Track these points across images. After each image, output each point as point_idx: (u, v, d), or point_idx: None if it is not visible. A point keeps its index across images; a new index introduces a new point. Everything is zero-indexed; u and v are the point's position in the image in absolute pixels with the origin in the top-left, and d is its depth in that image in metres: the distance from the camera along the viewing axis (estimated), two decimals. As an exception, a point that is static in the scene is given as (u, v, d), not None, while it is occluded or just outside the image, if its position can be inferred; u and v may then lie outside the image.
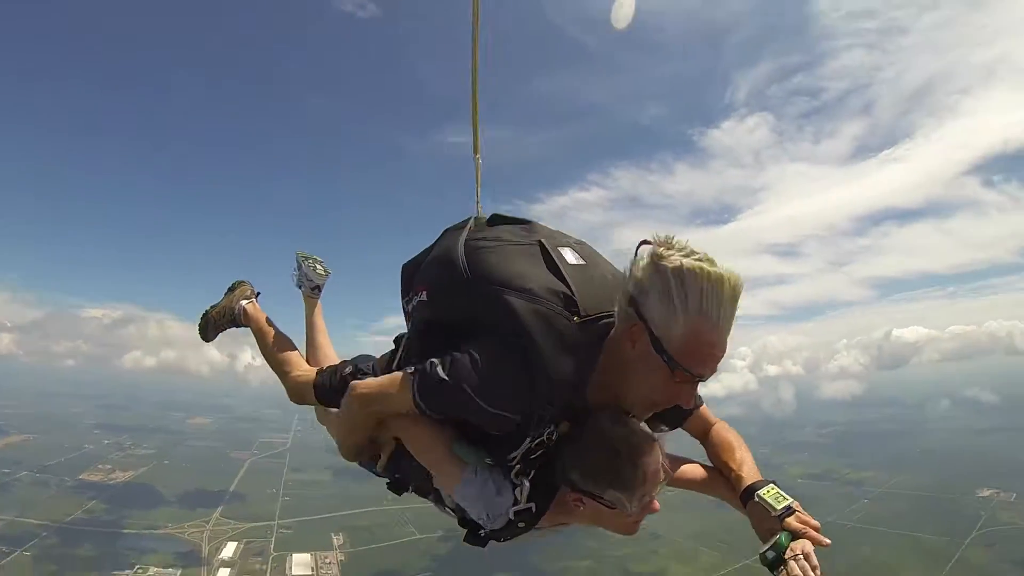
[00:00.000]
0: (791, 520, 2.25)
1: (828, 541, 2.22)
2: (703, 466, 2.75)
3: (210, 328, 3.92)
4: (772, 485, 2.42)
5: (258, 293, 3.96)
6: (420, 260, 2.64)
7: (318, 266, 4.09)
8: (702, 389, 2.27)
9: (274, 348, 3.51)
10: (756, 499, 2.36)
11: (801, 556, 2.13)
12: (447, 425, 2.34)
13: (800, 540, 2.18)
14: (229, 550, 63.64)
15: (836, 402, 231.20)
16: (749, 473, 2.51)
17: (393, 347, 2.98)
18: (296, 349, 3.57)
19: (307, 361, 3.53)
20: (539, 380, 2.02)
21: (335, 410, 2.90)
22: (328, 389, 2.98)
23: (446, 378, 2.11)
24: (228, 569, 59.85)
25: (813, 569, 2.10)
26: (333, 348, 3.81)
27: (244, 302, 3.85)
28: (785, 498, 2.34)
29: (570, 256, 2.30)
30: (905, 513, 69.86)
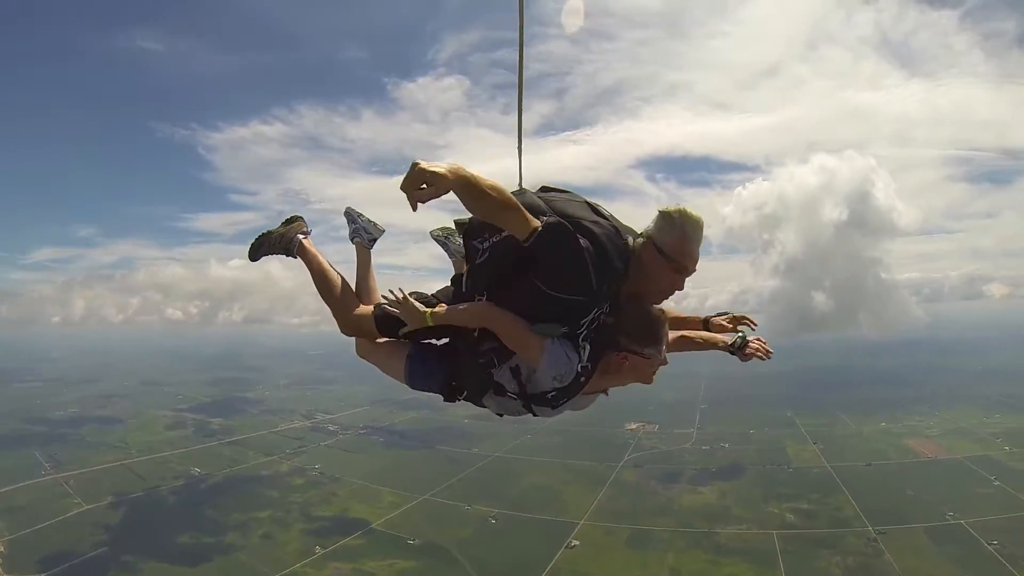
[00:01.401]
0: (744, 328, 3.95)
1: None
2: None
3: (263, 249, 4.24)
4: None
5: (310, 231, 4.31)
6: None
7: (375, 222, 4.53)
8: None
9: (331, 283, 4.03)
10: (712, 322, 4.01)
11: (756, 340, 3.83)
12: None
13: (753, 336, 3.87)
14: None
15: None
16: (694, 317, 4.14)
17: (450, 285, 3.92)
18: (355, 288, 4.15)
19: (360, 300, 4.10)
20: (606, 270, 3.02)
21: (383, 341, 3.90)
22: (388, 319, 3.68)
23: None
24: None
25: (764, 345, 3.84)
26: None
27: (301, 236, 4.19)
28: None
29: (603, 209, 3.33)
30: (566, 445, 74.93)
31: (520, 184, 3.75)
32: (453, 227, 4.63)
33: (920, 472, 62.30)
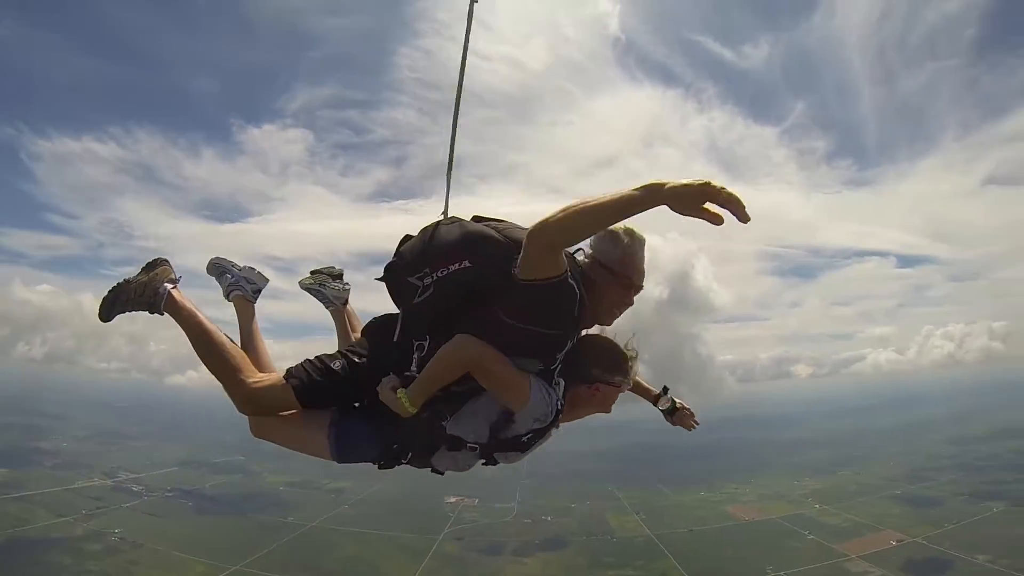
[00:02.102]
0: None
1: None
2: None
3: (118, 305, 3.51)
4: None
5: (179, 278, 3.65)
6: (422, 248, 3.28)
7: (255, 268, 4.09)
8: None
9: (218, 347, 3.40)
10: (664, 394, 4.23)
11: (686, 409, 4.26)
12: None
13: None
14: None
15: None
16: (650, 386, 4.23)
17: (361, 336, 3.74)
18: (243, 351, 3.54)
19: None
20: (579, 306, 3.07)
21: (289, 413, 3.37)
22: (313, 386, 3.31)
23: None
24: None
25: (692, 417, 4.27)
26: None
27: (168, 286, 3.53)
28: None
29: None
30: (383, 516, 75.52)
31: (446, 212, 3.85)
32: (323, 273, 4.52)
33: (739, 534, 67.58)
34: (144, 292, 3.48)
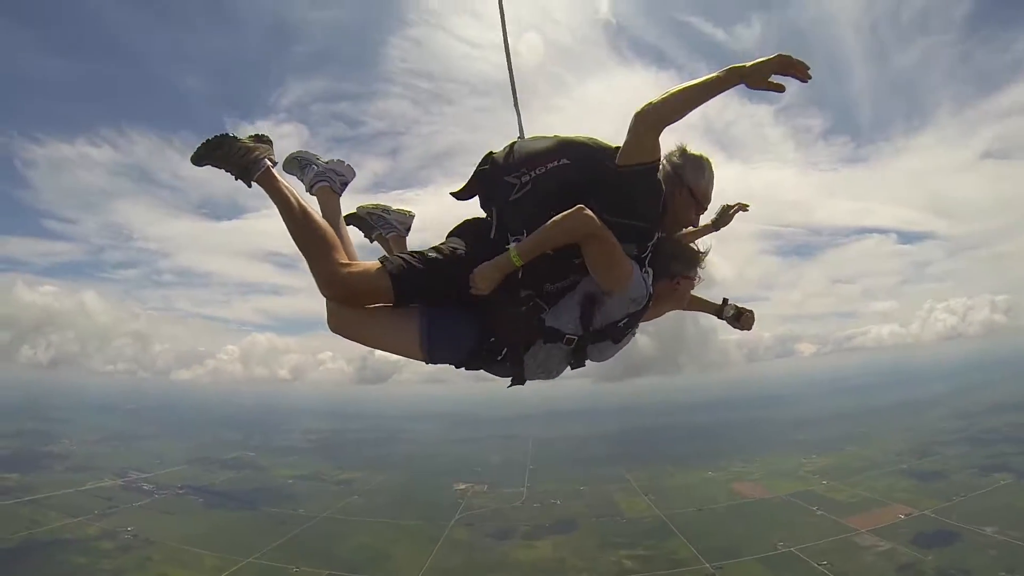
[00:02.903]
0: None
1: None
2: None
3: (215, 156, 3.35)
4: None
5: (278, 163, 3.58)
6: (518, 152, 3.51)
7: (341, 159, 4.01)
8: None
9: (313, 224, 3.32)
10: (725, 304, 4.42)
11: (750, 310, 4.33)
12: None
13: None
14: None
15: (321, 411, 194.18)
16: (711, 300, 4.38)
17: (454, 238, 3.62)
18: (337, 233, 3.45)
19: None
20: (663, 205, 3.43)
21: (377, 307, 3.32)
22: (412, 272, 3.27)
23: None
24: None
25: (754, 315, 4.35)
26: None
27: (268, 162, 3.43)
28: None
29: None
30: (393, 505, 76.46)
31: (521, 136, 3.85)
32: (382, 203, 4.46)
33: (748, 511, 67.89)
34: (245, 156, 3.38)
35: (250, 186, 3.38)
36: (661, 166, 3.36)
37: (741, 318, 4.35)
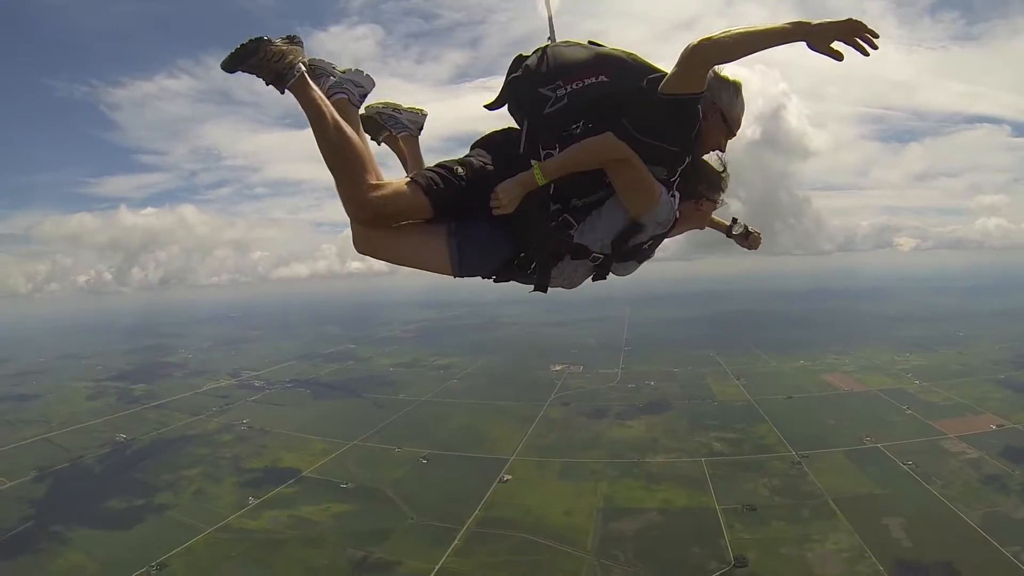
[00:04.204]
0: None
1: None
2: None
3: (250, 62, 2.99)
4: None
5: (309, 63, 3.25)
6: (553, 62, 3.31)
7: (360, 69, 3.69)
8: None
9: (345, 138, 3.04)
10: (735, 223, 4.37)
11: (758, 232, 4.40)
12: None
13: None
14: None
15: (418, 302, 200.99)
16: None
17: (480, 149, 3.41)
18: (368, 149, 3.22)
19: None
20: (697, 132, 3.35)
21: (406, 224, 3.17)
22: (445, 186, 3.13)
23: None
24: None
25: (760, 235, 4.37)
26: None
27: (303, 67, 3.07)
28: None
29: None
30: (491, 387, 78.29)
31: (552, 38, 3.69)
32: (392, 101, 4.24)
33: (838, 403, 66.85)
34: (280, 61, 3.02)
35: (283, 92, 3.08)
36: None
37: (749, 238, 4.32)
